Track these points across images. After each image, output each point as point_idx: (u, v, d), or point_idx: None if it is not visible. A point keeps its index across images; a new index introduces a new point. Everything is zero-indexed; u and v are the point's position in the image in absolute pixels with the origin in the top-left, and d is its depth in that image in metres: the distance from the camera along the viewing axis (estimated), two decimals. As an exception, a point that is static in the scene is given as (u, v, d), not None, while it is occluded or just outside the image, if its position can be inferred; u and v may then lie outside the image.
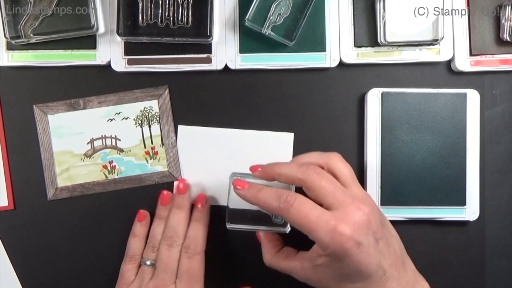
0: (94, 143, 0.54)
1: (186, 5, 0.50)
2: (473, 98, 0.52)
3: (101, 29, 0.52)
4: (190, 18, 0.50)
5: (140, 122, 0.54)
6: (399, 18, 0.51)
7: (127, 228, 0.53)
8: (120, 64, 0.52)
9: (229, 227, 0.47)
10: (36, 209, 0.54)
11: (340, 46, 0.52)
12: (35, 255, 0.54)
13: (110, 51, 0.52)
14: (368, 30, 0.52)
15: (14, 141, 0.53)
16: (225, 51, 0.52)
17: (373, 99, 0.52)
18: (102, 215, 0.54)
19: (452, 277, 0.54)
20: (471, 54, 0.52)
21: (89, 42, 0.52)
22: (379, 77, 0.54)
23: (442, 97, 0.52)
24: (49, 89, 0.53)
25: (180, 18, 0.50)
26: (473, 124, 0.52)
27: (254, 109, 0.54)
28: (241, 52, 0.52)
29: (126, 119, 0.53)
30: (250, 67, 0.52)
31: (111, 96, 0.53)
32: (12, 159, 0.53)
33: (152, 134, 0.54)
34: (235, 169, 0.47)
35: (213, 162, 0.53)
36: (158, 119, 0.54)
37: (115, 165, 0.54)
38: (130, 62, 0.52)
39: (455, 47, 0.52)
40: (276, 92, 0.54)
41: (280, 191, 0.42)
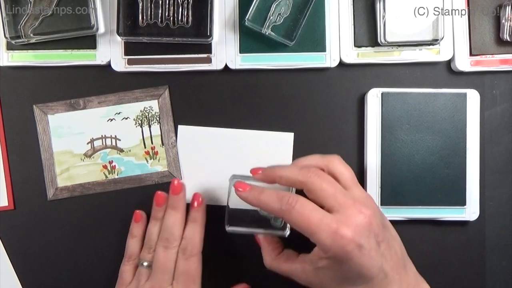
0: (94, 143, 0.54)
1: (186, 5, 0.50)
2: (473, 98, 0.52)
3: (101, 29, 0.52)
4: (190, 18, 0.50)
5: (140, 122, 0.54)
6: (399, 18, 0.51)
7: (127, 228, 0.53)
8: (120, 64, 0.52)
9: (229, 230, 0.47)
10: (36, 209, 0.54)
11: (340, 46, 0.52)
12: (35, 255, 0.54)
13: (110, 51, 0.52)
14: (368, 30, 0.52)
15: (14, 141, 0.53)
16: (225, 51, 0.52)
17: (373, 99, 0.52)
18: (102, 215, 0.54)
19: (452, 277, 0.54)
20: (471, 54, 0.52)
21: (89, 42, 0.52)
22: (379, 77, 0.54)
23: (442, 97, 0.52)
24: (49, 89, 0.53)
25: (180, 18, 0.50)
26: (473, 124, 0.52)
27: (254, 109, 0.54)
28: (241, 52, 0.52)
29: (126, 119, 0.53)
30: (250, 67, 0.52)
31: (111, 96, 0.53)
32: (12, 159, 0.53)
33: (152, 134, 0.54)
34: (235, 169, 0.47)
35: (213, 162, 0.53)
36: (158, 119, 0.54)
37: (115, 165, 0.54)
38: (130, 62, 0.52)
39: (455, 47, 0.52)
40: (276, 92, 0.54)
41: (281, 193, 0.42)
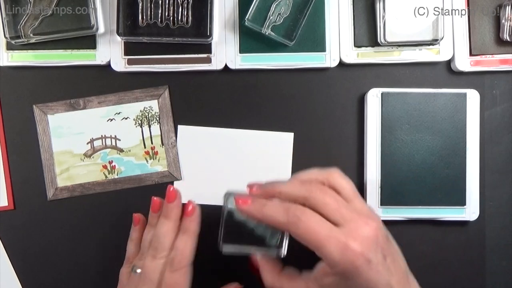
0: (94, 143, 0.54)
1: (186, 5, 0.50)
2: (473, 98, 0.52)
3: (101, 29, 0.52)
4: (190, 18, 0.50)
5: (140, 122, 0.54)
6: (399, 18, 0.51)
7: (127, 228, 0.53)
8: (120, 64, 0.52)
9: (225, 251, 0.45)
10: (36, 209, 0.54)
11: (340, 46, 0.52)
12: (35, 255, 0.54)
13: (110, 51, 0.52)
14: (368, 30, 0.52)
15: (14, 141, 0.53)
16: (225, 51, 0.52)
17: (373, 99, 0.52)
18: (102, 215, 0.54)
19: (452, 277, 0.54)
20: (471, 54, 0.52)
21: (89, 42, 0.52)
22: (379, 77, 0.54)
23: (442, 97, 0.52)
24: (49, 89, 0.53)
25: (180, 18, 0.50)
26: (473, 124, 0.52)
27: (254, 109, 0.54)
28: (241, 52, 0.52)
29: (126, 119, 0.53)
30: (250, 67, 0.52)
31: (111, 96, 0.53)
32: (12, 159, 0.53)
33: (152, 134, 0.54)
34: (235, 169, 0.47)
35: (213, 162, 0.53)
36: (158, 119, 0.54)
37: (115, 165, 0.54)
38: (130, 62, 0.52)
39: (455, 47, 0.52)
40: (276, 92, 0.54)
41: (286, 204, 0.40)
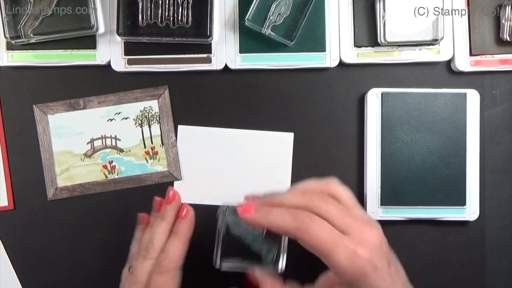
0: (94, 143, 0.54)
1: (186, 5, 0.50)
2: (473, 98, 0.52)
3: (101, 29, 0.52)
4: (190, 18, 0.50)
5: (140, 122, 0.54)
6: (399, 18, 0.51)
7: (127, 228, 0.53)
8: (120, 64, 0.52)
9: (223, 267, 0.44)
10: (36, 209, 0.54)
11: (340, 46, 0.52)
12: (35, 255, 0.54)
13: (110, 51, 0.52)
14: (368, 30, 0.52)
15: (14, 141, 0.53)
16: (225, 51, 0.52)
17: (373, 99, 0.52)
18: (102, 215, 0.54)
19: (452, 277, 0.54)
20: (471, 54, 0.52)
21: (89, 42, 0.52)
22: (379, 77, 0.54)
23: (442, 97, 0.52)
24: (49, 89, 0.53)
25: (180, 18, 0.50)
26: (473, 124, 0.52)
27: (254, 109, 0.54)
28: (241, 52, 0.52)
29: (126, 119, 0.53)
30: (250, 67, 0.52)
31: (111, 96, 0.53)
32: (12, 159, 0.53)
33: (152, 134, 0.54)
34: (235, 169, 0.47)
35: (213, 162, 0.53)
36: (158, 119, 0.54)
37: (115, 165, 0.54)
38: (130, 62, 0.52)
39: (455, 47, 0.52)
40: (276, 92, 0.54)
41: (293, 210, 0.39)
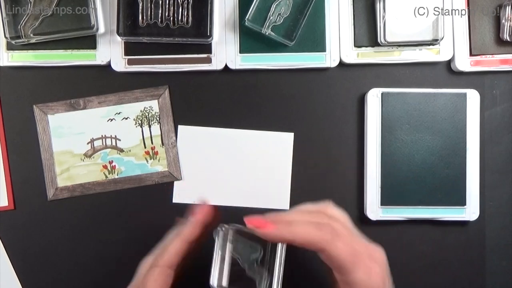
0: (94, 143, 0.54)
1: (186, 5, 0.50)
2: (473, 98, 0.52)
3: (101, 29, 0.52)
4: (190, 18, 0.50)
5: (140, 122, 0.54)
6: (399, 18, 0.51)
7: (127, 228, 0.53)
8: (120, 64, 0.52)
9: None
10: (36, 209, 0.54)
11: (340, 46, 0.52)
12: (35, 255, 0.54)
13: (110, 51, 0.52)
14: (368, 30, 0.52)
15: (14, 141, 0.53)
16: (225, 51, 0.52)
17: (373, 99, 0.52)
18: (102, 215, 0.54)
19: (452, 277, 0.54)
20: (471, 54, 0.52)
21: (89, 42, 0.52)
22: (379, 77, 0.54)
23: (442, 97, 0.52)
24: (49, 89, 0.53)
25: (180, 18, 0.50)
26: (473, 124, 0.52)
27: (254, 109, 0.54)
28: (241, 52, 0.52)
29: (126, 119, 0.53)
30: (250, 67, 0.52)
31: (111, 96, 0.53)
32: (12, 159, 0.53)
33: (152, 134, 0.54)
34: (235, 169, 0.46)
35: (213, 162, 0.53)
36: (158, 119, 0.54)
37: (115, 165, 0.54)
38: (130, 62, 0.52)
39: (455, 47, 0.52)
40: (276, 92, 0.54)
41: (315, 222, 0.37)
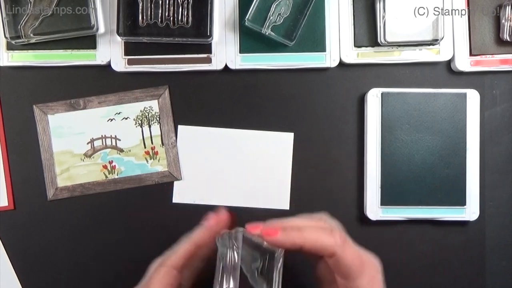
0: (94, 143, 0.54)
1: (186, 5, 0.50)
2: (473, 98, 0.52)
3: (101, 29, 0.52)
4: (190, 18, 0.50)
5: (140, 122, 0.54)
6: (399, 18, 0.51)
7: (127, 228, 0.53)
8: (120, 64, 0.52)
9: None
10: (36, 209, 0.54)
11: (340, 46, 0.52)
12: (35, 255, 0.54)
13: (110, 51, 0.52)
14: (368, 30, 0.52)
15: (14, 141, 0.53)
16: (225, 51, 0.52)
17: (373, 99, 0.52)
18: (102, 215, 0.54)
19: (452, 277, 0.54)
20: (471, 54, 0.52)
21: (89, 42, 0.52)
22: (379, 77, 0.54)
23: (442, 97, 0.52)
24: (49, 89, 0.53)
25: (180, 18, 0.50)
26: (473, 124, 0.52)
27: (254, 109, 0.54)
28: (241, 52, 0.52)
29: (126, 119, 0.53)
30: (250, 67, 0.52)
31: (111, 96, 0.53)
32: (12, 159, 0.53)
33: (152, 134, 0.54)
34: (235, 169, 0.46)
35: (213, 162, 0.53)
36: (158, 119, 0.54)
37: (115, 165, 0.54)
38: (130, 62, 0.52)
39: (455, 47, 0.52)
40: (276, 92, 0.54)
41: (323, 225, 0.38)
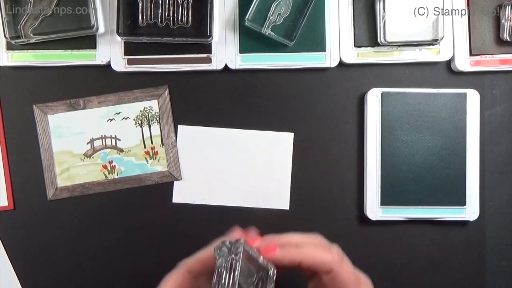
0: (94, 143, 0.54)
1: (186, 5, 0.50)
2: (473, 98, 0.52)
3: (101, 29, 0.52)
4: (190, 18, 0.50)
5: (140, 122, 0.54)
6: (399, 18, 0.51)
7: (127, 228, 0.53)
8: (120, 64, 0.52)
9: None
10: (36, 209, 0.54)
11: (340, 46, 0.52)
12: (35, 255, 0.54)
13: (110, 51, 0.52)
14: (368, 30, 0.52)
15: (14, 141, 0.53)
16: (225, 51, 0.52)
17: (373, 99, 0.52)
18: (102, 215, 0.54)
19: (452, 277, 0.54)
20: (471, 54, 0.52)
21: (89, 42, 0.52)
22: (379, 77, 0.54)
23: (442, 97, 0.52)
24: (49, 89, 0.53)
25: (180, 18, 0.50)
26: (473, 124, 0.52)
27: (254, 109, 0.54)
28: (241, 52, 0.52)
29: (126, 119, 0.53)
30: (250, 67, 0.52)
31: (111, 96, 0.53)
32: (12, 159, 0.53)
33: (152, 134, 0.54)
34: (235, 169, 0.46)
35: (213, 162, 0.53)
36: (158, 119, 0.54)
37: (115, 165, 0.54)
38: (130, 62, 0.52)
39: (455, 47, 0.52)
40: (276, 92, 0.54)
41: (320, 242, 0.38)
